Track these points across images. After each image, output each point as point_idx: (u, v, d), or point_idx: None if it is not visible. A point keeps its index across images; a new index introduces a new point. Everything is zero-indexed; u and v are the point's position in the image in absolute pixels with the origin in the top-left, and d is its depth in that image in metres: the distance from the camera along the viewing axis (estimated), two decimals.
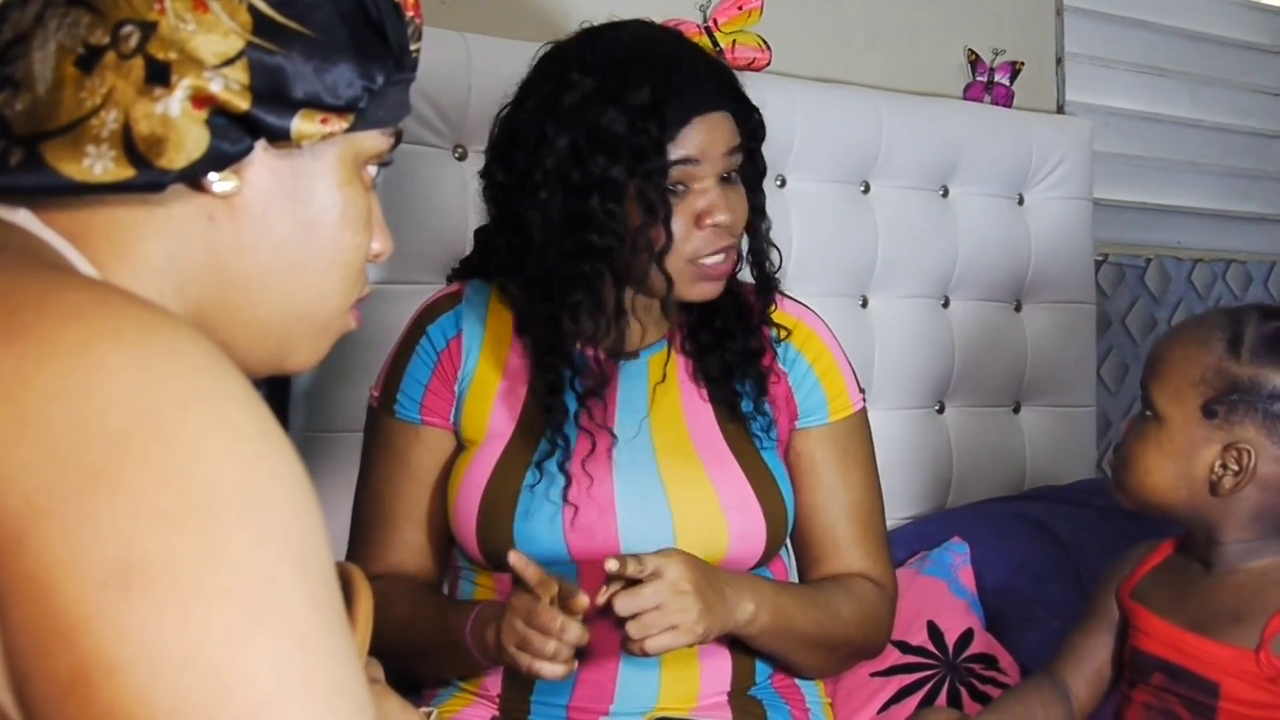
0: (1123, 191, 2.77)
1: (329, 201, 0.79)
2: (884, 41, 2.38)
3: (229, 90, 0.73)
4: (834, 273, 2.12)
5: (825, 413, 1.49)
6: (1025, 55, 2.50)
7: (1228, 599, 1.24)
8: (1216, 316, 1.25)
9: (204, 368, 0.63)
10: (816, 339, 1.51)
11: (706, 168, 1.36)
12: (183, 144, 0.72)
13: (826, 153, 2.12)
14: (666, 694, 1.39)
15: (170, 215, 0.75)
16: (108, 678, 0.57)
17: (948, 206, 2.28)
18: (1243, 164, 3.03)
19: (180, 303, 0.76)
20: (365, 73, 0.77)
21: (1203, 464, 1.22)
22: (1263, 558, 1.24)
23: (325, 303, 0.82)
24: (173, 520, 0.58)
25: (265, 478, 0.62)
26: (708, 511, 1.39)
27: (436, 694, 1.48)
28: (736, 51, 2.11)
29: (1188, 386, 1.22)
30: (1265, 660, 1.19)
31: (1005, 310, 2.36)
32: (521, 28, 1.96)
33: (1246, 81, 3.04)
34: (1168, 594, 1.29)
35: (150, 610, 0.57)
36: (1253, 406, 1.20)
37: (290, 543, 0.61)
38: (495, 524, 1.39)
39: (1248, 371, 1.20)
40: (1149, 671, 1.28)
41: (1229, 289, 2.91)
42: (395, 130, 0.84)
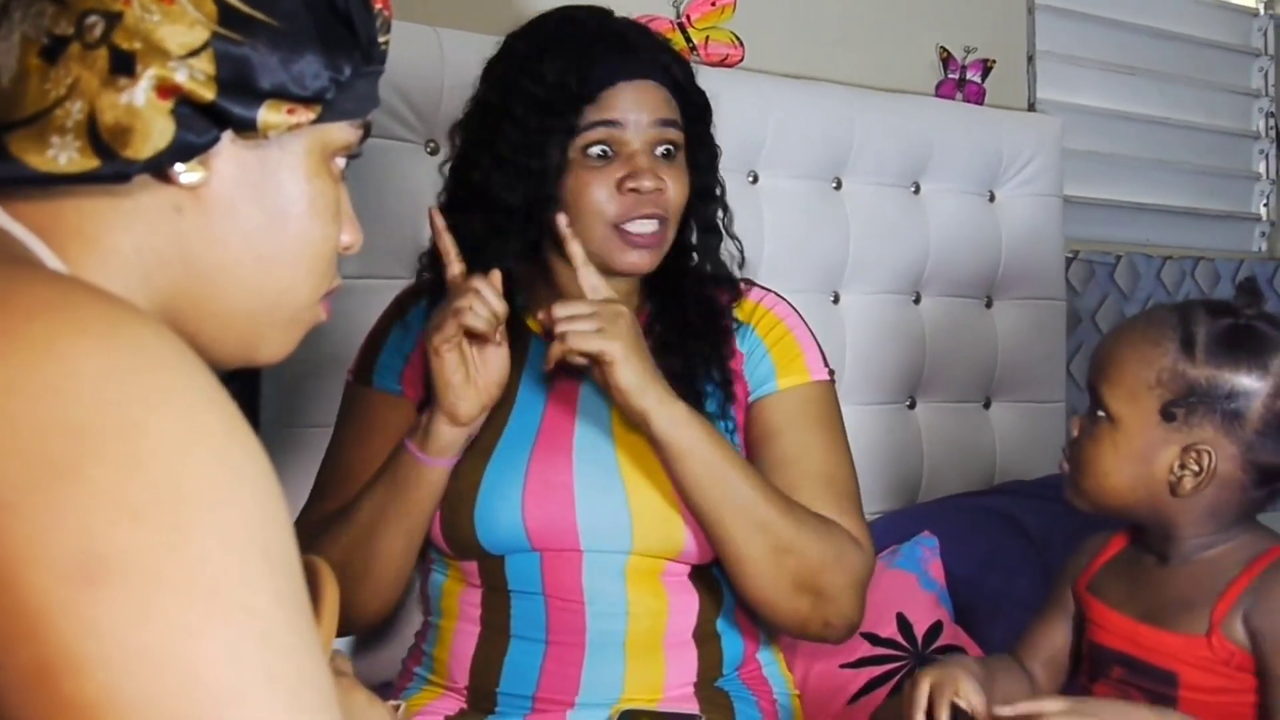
0: (1093, 189, 2.79)
1: (297, 193, 0.79)
2: (857, 39, 2.39)
3: (194, 80, 0.73)
4: (806, 268, 2.13)
5: (774, 382, 1.47)
6: (997, 53, 2.52)
7: (1179, 589, 1.25)
8: (1164, 316, 1.24)
9: (170, 363, 0.63)
10: (771, 316, 1.51)
11: (631, 133, 1.38)
12: (148, 134, 0.72)
13: (799, 149, 2.13)
14: (632, 684, 1.40)
15: (137, 207, 0.75)
16: (72, 671, 0.57)
17: (919, 203, 2.29)
18: (1211, 162, 3.06)
19: (148, 294, 0.76)
20: (332, 64, 0.78)
21: (1162, 465, 1.22)
22: (1215, 549, 1.25)
23: (294, 294, 0.81)
24: (136, 515, 0.58)
25: (230, 473, 0.62)
26: (665, 506, 1.39)
27: (405, 687, 1.48)
28: (710, 48, 2.12)
29: (1143, 389, 1.21)
30: (1217, 644, 1.20)
31: (976, 306, 2.37)
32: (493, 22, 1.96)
33: (1215, 80, 3.07)
34: (1122, 587, 1.30)
35: (113, 604, 0.57)
36: (1211, 408, 1.20)
37: (254, 538, 0.61)
38: (457, 512, 1.40)
39: (1204, 373, 1.20)
40: (1108, 665, 1.29)
41: (1198, 286, 2.93)
42: (364, 122, 0.84)
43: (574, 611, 1.39)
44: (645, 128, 1.39)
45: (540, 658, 1.40)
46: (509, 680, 1.41)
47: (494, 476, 1.40)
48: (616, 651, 1.39)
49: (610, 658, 1.39)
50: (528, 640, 1.41)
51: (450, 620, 1.46)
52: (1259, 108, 3.14)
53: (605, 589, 1.40)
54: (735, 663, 1.47)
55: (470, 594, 1.44)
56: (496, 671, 1.41)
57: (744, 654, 1.48)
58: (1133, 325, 1.27)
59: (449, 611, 1.46)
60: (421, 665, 1.49)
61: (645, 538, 1.39)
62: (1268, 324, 1.22)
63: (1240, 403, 1.19)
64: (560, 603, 1.40)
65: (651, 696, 1.40)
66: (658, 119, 1.39)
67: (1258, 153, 3.14)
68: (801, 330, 1.52)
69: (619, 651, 1.40)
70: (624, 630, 1.40)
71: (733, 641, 1.46)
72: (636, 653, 1.40)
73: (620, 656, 1.40)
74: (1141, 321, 1.27)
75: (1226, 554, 1.24)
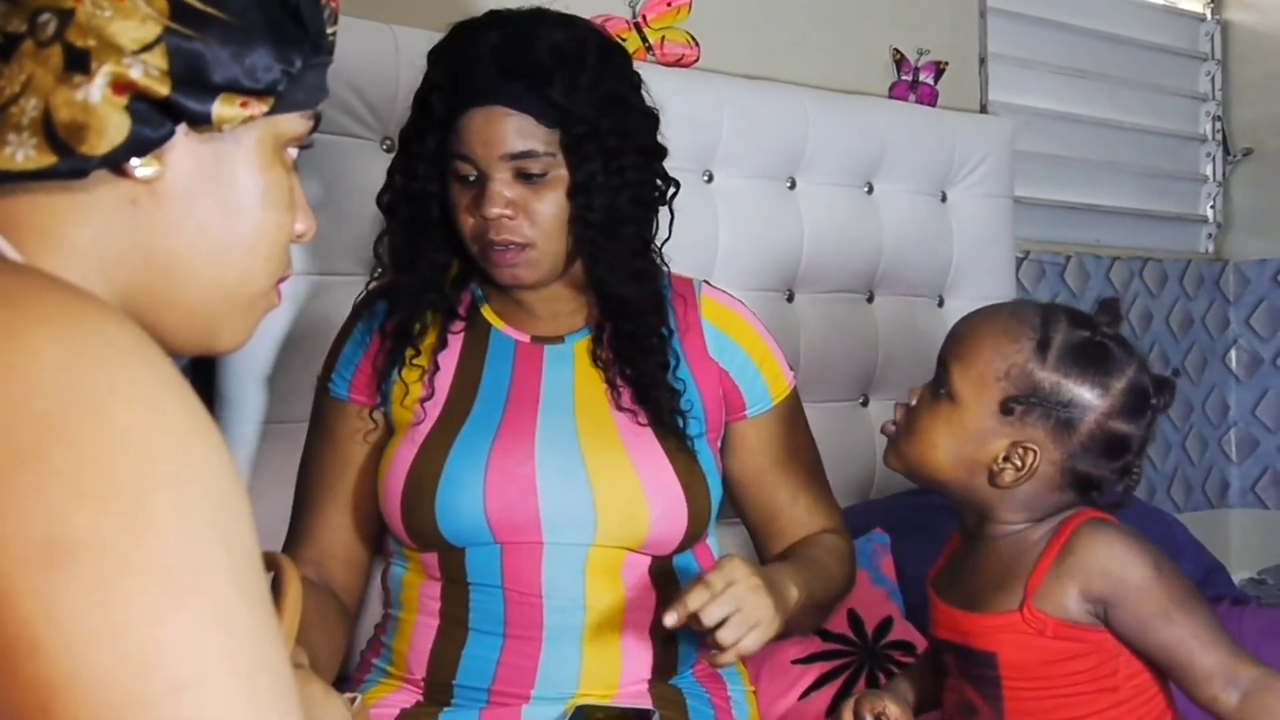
0: (1043, 190, 2.83)
1: (251, 184, 0.80)
2: (811, 40, 2.41)
3: (149, 76, 0.73)
4: (760, 267, 2.15)
5: (769, 399, 1.55)
6: (949, 55, 2.55)
7: (993, 571, 1.29)
8: (1028, 313, 1.27)
9: (132, 353, 0.64)
10: (750, 330, 1.56)
11: (484, 164, 1.40)
12: (104, 130, 0.73)
13: (753, 149, 2.14)
14: (587, 678, 1.41)
15: (93, 201, 0.76)
16: (32, 653, 0.58)
17: (872, 203, 2.31)
18: (1160, 164, 3.10)
19: (106, 286, 0.77)
20: (283, 56, 0.78)
21: (987, 454, 1.25)
22: (1017, 534, 1.29)
23: (250, 283, 0.82)
24: (98, 501, 0.59)
25: (191, 462, 0.63)
26: (628, 491, 1.41)
27: (363, 680, 1.49)
28: (665, 48, 2.13)
29: (991, 379, 1.24)
30: (1030, 616, 1.24)
31: (929, 305, 2.40)
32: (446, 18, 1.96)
33: (1164, 84, 3.11)
34: (951, 578, 1.34)
35: (73, 587, 0.58)
36: (1047, 412, 1.23)
37: (215, 525, 0.62)
38: (417, 502, 1.41)
39: (1050, 377, 1.23)
40: (943, 656, 1.34)
41: (1145, 286, 2.98)
42: (314, 113, 0.85)
43: (531, 605, 1.40)
44: (494, 161, 1.39)
45: (498, 650, 1.41)
46: (466, 673, 1.42)
47: (455, 467, 1.41)
48: (573, 645, 1.41)
49: (567, 651, 1.41)
50: (485, 634, 1.42)
51: (410, 613, 1.47)
52: (1206, 111, 3.19)
53: (563, 582, 1.41)
54: (690, 660, 1.49)
55: (430, 586, 1.45)
56: (454, 664, 1.42)
57: (699, 651, 1.49)
58: (995, 315, 1.30)
59: (408, 604, 1.47)
60: (380, 657, 1.50)
61: (609, 528, 1.41)
62: (1119, 346, 1.26)
63: (1075, 413, 1.23)
64: (518, 596, 1.40)
65: (606, 691, 1.42)
66: (505, 153, 1.39)
67: (1205, 156, 3.19)
68: (769, 338, 1.58)
69: (575, 645, 1.41)
70: (581, 624, 1.41)
71: (690, 638, 1.47)
72: (593, 647, 1.41)
73: (577, 650, 1.41)
74: (1005, 313, 1.29)
75: (1032, 530, 1.28)
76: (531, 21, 1.43)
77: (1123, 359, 1.25)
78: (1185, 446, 3.07)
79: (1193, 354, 3.09)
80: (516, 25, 1.42)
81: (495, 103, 1.38)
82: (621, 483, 1.42)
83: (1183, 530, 2.18)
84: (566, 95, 1.39)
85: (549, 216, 1.41)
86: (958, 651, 1.30)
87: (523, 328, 1.50)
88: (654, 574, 1.45)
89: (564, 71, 1.39)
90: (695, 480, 1.45)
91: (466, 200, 1.41)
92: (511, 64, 1.39)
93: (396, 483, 1.43)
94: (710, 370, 1.52)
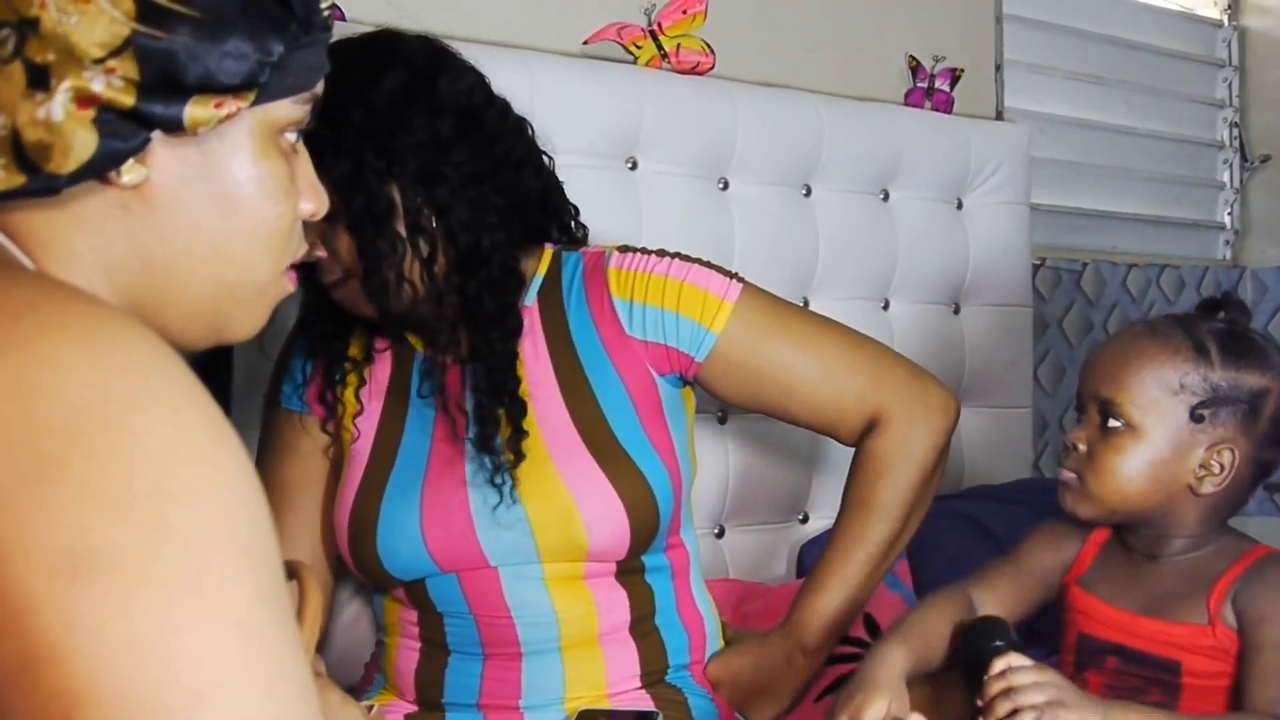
0: (1059, 197, 2.82)
1: (244, 177, 0.78)
2: (826, 47, 2.41)
3: (112, 88, 0.71)
4: (775, 275, 2.14)
5: (704, 331, 1.43)
6: (965, 62, 2.54)
7: (1174, 582, 1.31)
8: (1166, 327, 1.31)
9: (152, 362, 0.64)
10: (660, 281, 1.43)
11: None
12: (69, 149, 0.71)
13: (769, 156, 2.14)
14: (573, 682, 1.40)
15: (85, 209, 0.75)
16: (54, 664, 0.58)
17: (888, 210, 2.31)
18: (1177, 171, 3.09)
19: (111, 291, 0.77)
20: (260, 47, 0.75)
21: (1187, 467, 1.29)
22: (1200, 550, 1.32)
23: (253, 274, 0.81)
24: (119, 511, 0.59)
25: (212, 471, 0.63)
26: (561, 509, 1.38)
27: (366, 690, 1.50)
28: (680, 55, 2.14)
29: (1166, 395, 1.28)
30: (1220, 633, 1.26)
31: (944, 313, 2.39)
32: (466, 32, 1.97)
33: (1180, 90, 3.10)
34: (1115, 582, 1.35)
35: (95, 598, 0.58)
36: (1235, 407, 1.27)
37: (235, 534, 0.63)
38: (362, 546, 1.40)
39: (1227, 375, 1.28)
40: (1101, 656, 1.33)
41: (1163, 293, 2.96)
42: (311, 95, 0.82)
43: (504, 625, 1.39)
44: None
45: (480, 668, 1.41)
46: (452, 691, 1.42)
47: (390, 508, 1.39)
48: (553, 655, 1.40)
49: (548, 662, 1.40)
50: (465, 654, 1.41)
51: (393, 637, 1.47)
52: (1223, 118, 3.18)
53: (530, 600, 1.39)
54: (682, 656, 1.47)
55: (408, 613, 1.45)
56: (439, 684, 1.42)
57: (690, 648, 1.48)
58: (1137, 338, 1.32)
59: (391, 628, 1.47)
60: (379, 674, 1.51)
61: (550, 548, 1.38)
62: (1251, 330, 1.32)
63: (1258, 400, 1.28)
64: (489, 618, 1.39)
65: (595, 693, 1.41)
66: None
67: (1222, 162, 3.18)
68: (682, 268, 1.44)
69: (555, 655, 1.40)
70: (556, 635, 1.40)
71: (675, 636, 1.47)
72: (573, 653, 1.41)
73: (557, 659, 1.40)
74: (1145, 333, 1.32)
75: (1214, 553, 1.31)
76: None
77: (1264, 341, 1.31)
78: None
79: None
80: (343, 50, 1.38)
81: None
82: (553, 501, 1.37)
83: None
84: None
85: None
86: (1127, 654, 1.30)
87: (442, 348, 1.43)
88: (622, 578, 1.43)
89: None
90: (633, 484, 1.39)
91: None
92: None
93: (342, 524, 1.42)
94: (632, 350, 1.43)
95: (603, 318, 1.44)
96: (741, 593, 1.86)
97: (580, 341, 1.43)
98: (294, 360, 1.49)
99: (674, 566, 1.48)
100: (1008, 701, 1.18)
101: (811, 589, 1.47)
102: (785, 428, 1.63)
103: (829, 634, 1.47)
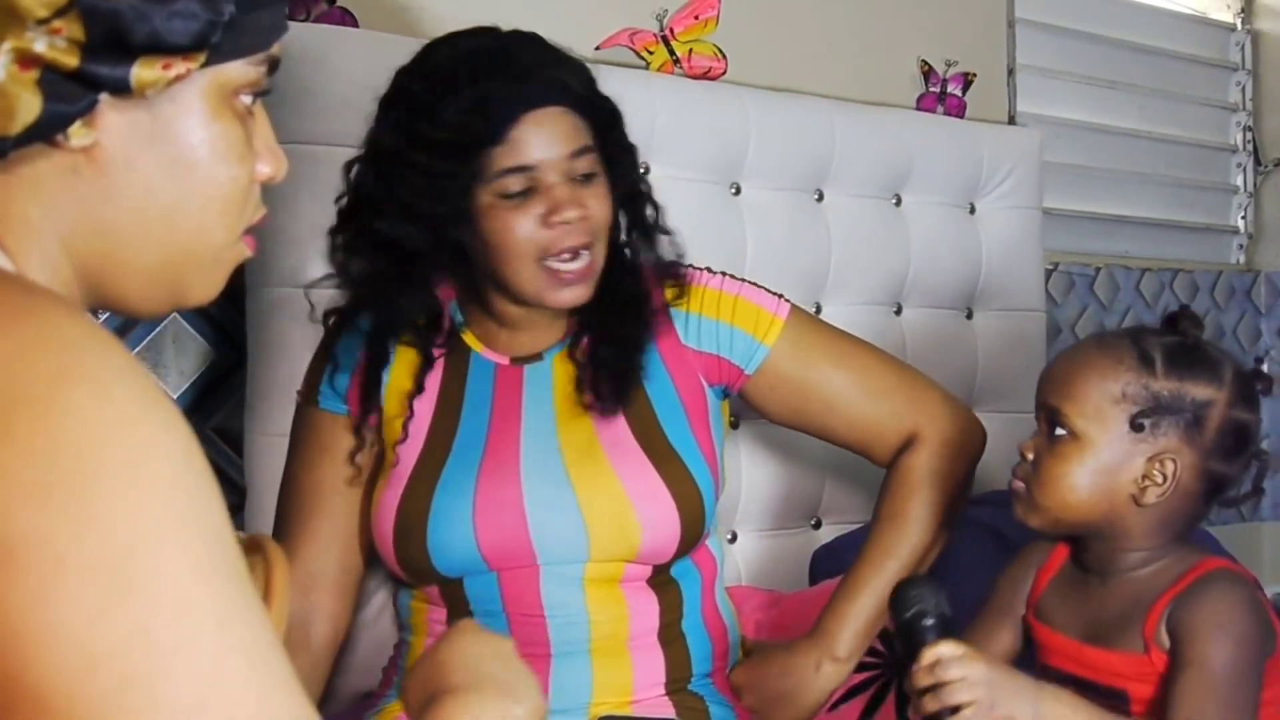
0: (1072, 201, 2.81)
1: (195, 139, 0.76)
2: (838, 52, 2.41)
3: (55, 49, 0.69)
4: (787, 280, 2.13)
5: (757, 344, 1.50)
6: (977, 66, 2.54)
7: (1116, 606, 1.29)
8: (1115, 338, 1.31)
9: (75, 341, 0.63)
10: (710, 293, 1.51)
11: (546, 171, 1.35)
12: (13, 111, 0.69)
13: (781, 161, 2.14)
14: (600, 687, 1.40)
15: (35, 174, 0.73)
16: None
17: (900, 215, 2.30)
18: (1190, 175, 3.08)
19: (66, 258, 0.75)
20: (211, 7, 0.73)
21: (1128, 477, 1.27)
22: (1150, 565, 1.29)
23: (208, 238, 0.79)
24: (39, 497, 0.58)
25: (143, 445, 0.62)
26: (617, 508, 1.40)
27: (384, 695, 1.50)
28: (693, 60, 2.14)
29: (1108, 404, 1.26)
30: (1157, 658, 1.24)
31: (957, 318, 2.38)
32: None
33: (1193, 94, 3.09)
34: (1064, 608, 1.34)
35: (15, 588, 0.57)
36: (1176, 418, 1.25)
37: (171, 509, 0.61)
38: (409, 540, 1.40)
39: (1168, 385, 1.26)
40: (1061, 686, 1.31)
41: (1176, 298, 2.96)
42: (266, 56, 0.79)
43: (535, 624, 1.40)
44: (559, 162, 1.36)
45: None
46: None
47: (443, 501, 1.40)
48: (582, 657, 1.40)
49: (577, 664, 1.40)
50: None
51: (419, 637, 1.47)
52: (1236, 121, 3.17)
53: (564, 600, 1.40)
54: (706, 664, 1.48)
55: (436, 612, 1.45)
56: None
57: (714, 655, 1.49)
58: (1085, 348, 1.33)
59: (418, 629, 1.47)
60: (398, 676, 1.49)
61: (602, 545, 1.40)
62: (1206, 343, 1.30)
63: (1201, 410, 1.26)
64: (521, 617, 1.40)
65: (621, 699, 1.41)
66: (570, 151, 1.37)
67: (1235, 166, 3.17)
68: (738, 286, 1.53)
69: (584, 657, 1.41)
70: (587, 637, 1.40)
71: (700, 643, 1.47)
72: (602, 657, 1.41)
73: (586, 662, 1.41)
74: (1093, 344, 1.32)
75: (1160, 571, 1.29)
76: (516, 32, 1.41)
77: (1218, 353, 1.29)
78: None
79: None
80: (511, 32, 1.41)
81: (548, 103, 1.35)
82: (609, 499, 1.40)
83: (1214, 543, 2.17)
84: (588, 87, 1.39)
85: (604, 212, 1.40)
86: (1081, 684, 1.28)
87: (503, 349, 1.48)
88: (654, 582, 1.44)
89: (578, 66, 1.40)
90: (685, 486, 1.43)
91: (522, 218, 1.36)
92: (546, 62, 1.37)
93: (387, 522, 1.42)
94: (686, 359, 1.49)
95: (660, 326, 1.49)
96: (754, 599, 1.85)
97: None
98: (334, 361, 1.48)
99: (702, 573, 1.49)
100: (935, 700, 1.18)
101: (843, 598, 1.51)
102: (798, 434, 1.67)
103: (859, 643, 1.51)
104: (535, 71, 1.36)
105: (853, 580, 1.52)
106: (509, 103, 1.34)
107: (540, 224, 1.36)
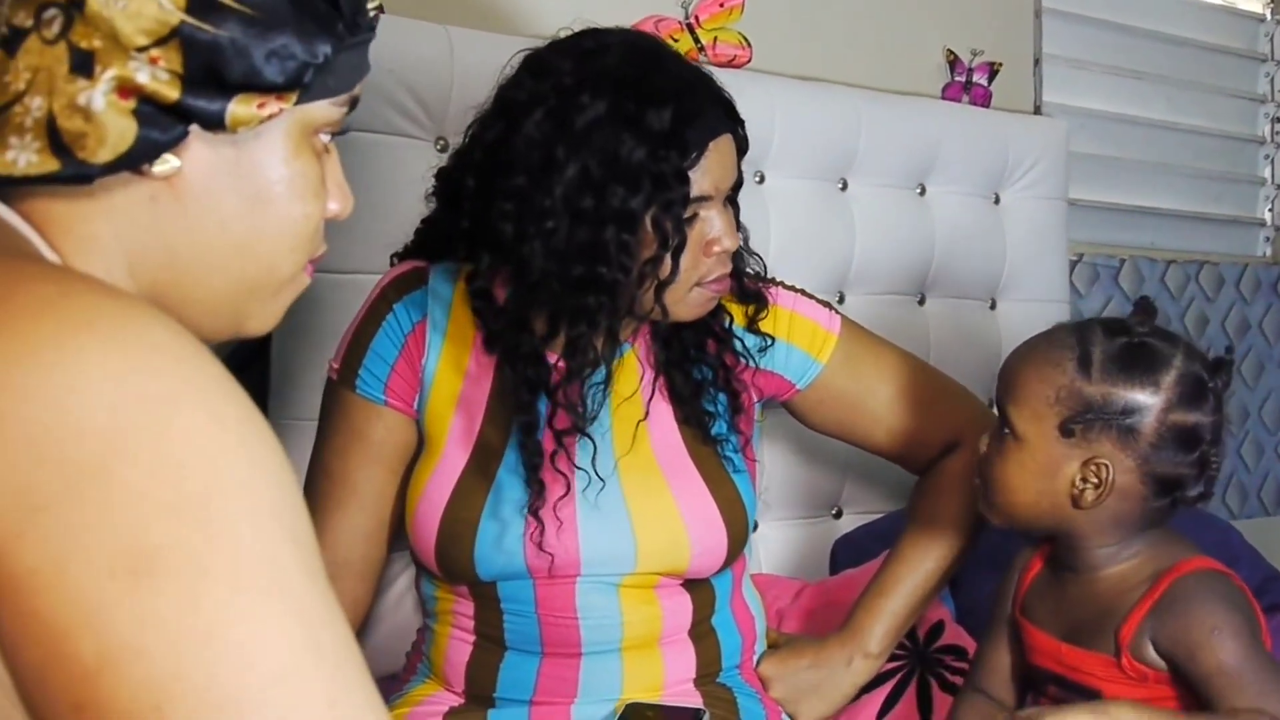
0: (1098, 192, 2.80)
1: (275, 176, 0.77)
2: (864, 41, 2.40)
3: (157, 80, 0.70)
4: (811, 269, 2.14)
5: (812, 361, 1.51)
6: (1003, 56, 2.53)
7: (1092, 606, 1.29)
8: (1064, 335, 1.28)
9: (184, 358, 0.64)
10: (774, 311, 1.50)
11: (715, 197, 1.34)
12: (105, 138, 0.70)
13: (805, 150, 2.14)
14: (630, 682, 1.40)
15: (113, 198, 0.74)
16: (135, 659, 0.59)
17: (925, 205, 2.30)
18: (1216, 167, 3.06)
19: (132, 281, 0.76)
20: (308, 49, 0.74)
21: (1064, 480, 1.26)
22: (1121, 562, 1.29)
23: (276, 272, 0.80)
24: (172, 511, 0.60)
25: (252, 462, 0.63)
26: (671, 531, 1.38)
27: (409, 680, 1.49)
28: (718, 48, 2.13)
29: (1044, 407, 1.25)
30: (1128, 665, 1.24)
31: (980, 308, 2.38)
32: (501, 21, 1.98)
33: (1220, 85, 3.07)
34: (1046, 606, 1.34)
35: (164, 596, 0.59)
36: (1107, 423, 1.23)
37: (282, 521, 0.63)
38: (455, 546, 1.36)
39: (1098, 390, 1.23)
40: (1043, 684, 1.33)
41: (1201, 290, 2.94)
42: (349, 97, 0.80)
43: (568, 626, 1.38)
44: (726, 189, 1.34)
45: (537, 664, 1.39)
46: (505, 686, 1.40)
47: (495, 509, 1.36)
48: (613, 655, 1.40)
49: (607, 661, 1.40)
50: (522, 652, 1.40)
51: (444, 626, 1.44)
52: (1265, 113, 3.15)
53: (599, 604, 1.38)
54: (735, 657, 1.48)
55: (463, 605, 1.42)
56: (493, 679, 1.40)
57: (742, 648, 1.49)
58: (1034, 345, 1.31)
59: (443, 618, 1.44)
60: (422, 662, 1.49)
61: (649, 562, 1.38)
62: (1161, 340, 1.26)
63: (1133, 418, 1.23)
64: (554, 619, 1.38)
65: (652, 693, 1.41)
66: (734, 182, 1.36)
67: (1263, 158, 3.15)
68: (794, 300, 1.52)
69: (616, 655, 1.40)
70: (619, 637, 1.39)
71: (730, 636, 1.47)
72: (633, 654, 1.40)
73: (617, 659, 1.40)
74: (1042, 342, 1.30)
75: (1134, 569, 1.28)
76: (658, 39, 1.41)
77: (1166, 353, 1.24)
78: (1241, 452, 3.03)
79: (1249, 359, 3.05)
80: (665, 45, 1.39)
81: (727, 130, 1.34)
82: (662, 516, 1.38)
83: (1238, 536, 2.15)
84: (737, 115, 1.37)
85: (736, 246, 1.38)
86: (1060, 682, 1.29)
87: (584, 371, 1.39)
88: (688, 584, 1.44)
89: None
90: (734, 505, 1.42)
91: (691, 244, 1.31)
92: (715, 86, 1.35)
93: (430, 524, 1.37)
94: (742, 377, 1.48)
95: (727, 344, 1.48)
96: (776, 587, 1.85)
97: None
98: (375, 346, 1.42)
99: (734, 570, 1.49)
100: None
101: (877, 594, 1.52)
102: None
103: (891, 639, 1.53)
104: (713, 97, 1.33)
105: (888, 577, 1.53)
106: (700, 130, 1.29)
107: (701, 252, 1.33)
